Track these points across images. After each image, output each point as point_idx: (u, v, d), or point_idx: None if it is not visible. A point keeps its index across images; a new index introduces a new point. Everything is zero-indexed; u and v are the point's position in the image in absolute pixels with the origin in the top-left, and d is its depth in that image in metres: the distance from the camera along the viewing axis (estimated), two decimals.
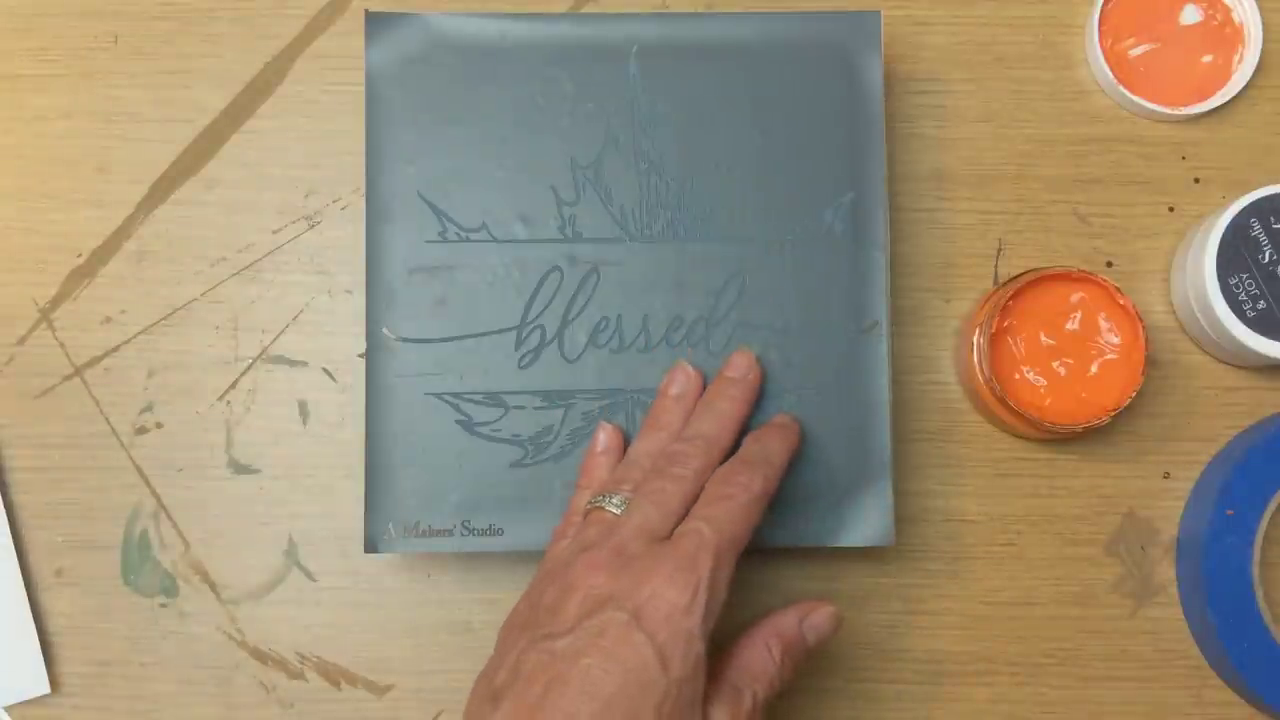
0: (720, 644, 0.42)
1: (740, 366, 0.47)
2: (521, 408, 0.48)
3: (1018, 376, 0.50)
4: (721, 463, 0.44)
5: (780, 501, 0.48)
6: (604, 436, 0.47)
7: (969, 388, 0.52)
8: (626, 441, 0.48)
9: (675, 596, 0.39)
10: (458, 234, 0.49)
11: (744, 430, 0.46)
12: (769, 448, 0.45)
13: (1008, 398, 0.49)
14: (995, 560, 0.52)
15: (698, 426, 0.45)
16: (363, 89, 0.49)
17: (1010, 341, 0.50)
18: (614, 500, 0.43)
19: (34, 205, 0.53)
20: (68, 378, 0.53)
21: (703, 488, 0.43)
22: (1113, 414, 0.49)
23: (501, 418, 0.48)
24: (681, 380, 0.47)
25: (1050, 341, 0.50)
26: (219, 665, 0.52)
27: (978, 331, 0.50)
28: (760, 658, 0.42)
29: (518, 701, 0.38)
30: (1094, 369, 0.50)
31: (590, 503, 0.44)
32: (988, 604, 0.52)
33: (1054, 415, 0.50)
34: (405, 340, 0.48)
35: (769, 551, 0.52)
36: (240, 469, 0.52)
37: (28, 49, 0.54)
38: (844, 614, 0.46)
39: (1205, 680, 0.52)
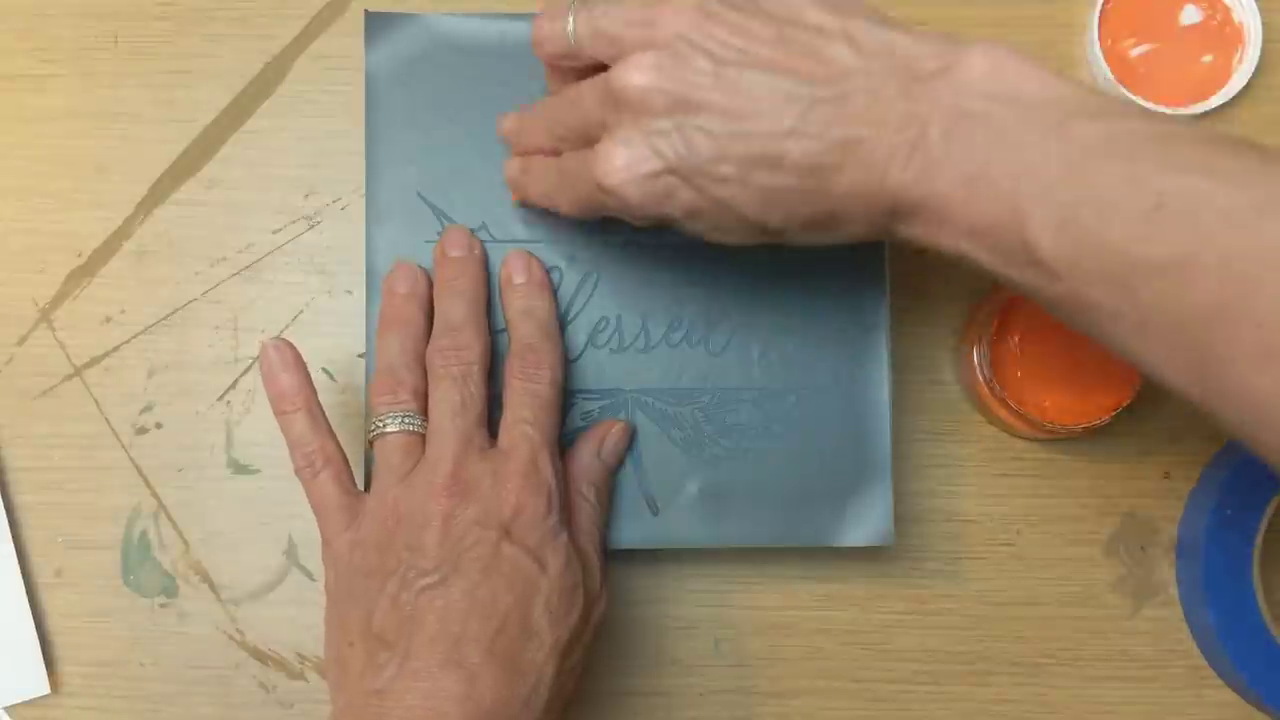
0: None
1: (462, 245, 0.47)
2: None
3: (1019, 375, 0.50)
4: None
5: (780, 501, 0.48)
6: (274, 354, 0.44)
7: (969, 388, 0.52)
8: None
9: (534, 505, 0.41)
10: None
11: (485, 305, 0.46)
12: (538, 316, 0.45)
13: (1008, 398, 0.49)
14: (995, 560, 0.52)
15: (450, 315, 0.45)
16: (363, 89, 0.49)
17: (1010, 342, 0.50)
18: (406, 421, 0.43)
19: (34, 205, 0.53)
20: (68, 378, 0.52)
21: (484, 371, 0.44)
22: (1113, 414, 0.49)
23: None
24: (407, 276, 0.46)
25: (1050, 341, 0.50)
26: (219, 665, 0.52)
27: (978, 332, 0.50)
28: (580, 506, 0.45)
29: (420, 639, 0.40)
30: (1094, 369, 0.50)
31: (372, 430, 0.44)
32: (988, 604, 0.52)
33: (1054, 415, 0.49)
34: None
35: (769, 551, 0.52)
36: (240, 469, 0.52)
37: (28, 49, 0.54)
38: (629, 429, 0.48)
39: (1205, 680, 0.52)
